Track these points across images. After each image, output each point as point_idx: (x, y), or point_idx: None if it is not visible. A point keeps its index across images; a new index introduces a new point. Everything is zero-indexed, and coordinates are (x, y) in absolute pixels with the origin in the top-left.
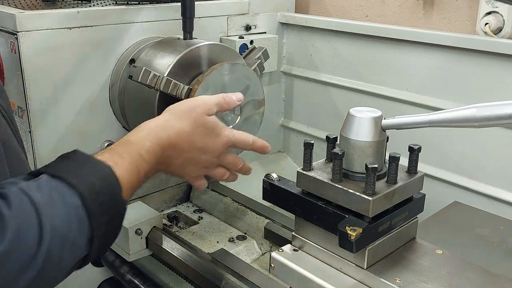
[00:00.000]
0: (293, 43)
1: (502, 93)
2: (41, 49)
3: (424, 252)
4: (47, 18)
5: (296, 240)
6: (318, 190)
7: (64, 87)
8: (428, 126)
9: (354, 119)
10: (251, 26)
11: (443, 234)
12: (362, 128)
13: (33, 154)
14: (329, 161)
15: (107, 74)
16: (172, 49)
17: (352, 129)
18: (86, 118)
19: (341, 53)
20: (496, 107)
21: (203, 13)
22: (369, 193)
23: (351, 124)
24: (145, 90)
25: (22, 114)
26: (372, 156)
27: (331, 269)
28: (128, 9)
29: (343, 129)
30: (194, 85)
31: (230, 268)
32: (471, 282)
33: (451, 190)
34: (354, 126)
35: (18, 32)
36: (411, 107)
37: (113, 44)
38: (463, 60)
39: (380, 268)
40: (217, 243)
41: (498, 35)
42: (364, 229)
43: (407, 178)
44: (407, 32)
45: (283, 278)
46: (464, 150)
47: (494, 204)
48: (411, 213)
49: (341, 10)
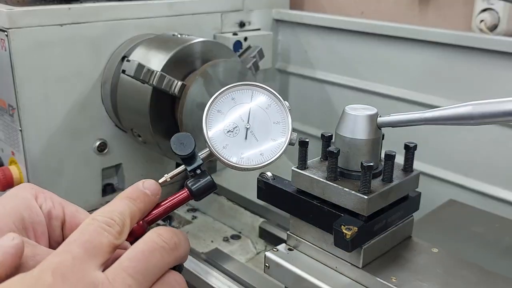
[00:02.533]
0: (288, 40)
1: (498, 90)
2: (32, 47)
3: (420, 250)
4: (38, 15)
5: (291, 239)
6: (313, 188)
7: (56, 84)
8: (424, 124)
9: (349, 117)
10: (245, 23)
11: (438, 233)
12: (357, 126)
13: (24, 153)
14: (324, 159)
15: (99, 71)
16: (166, 45)
17: (348, 127)
18: (78, 116)
19: (337, 50)
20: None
21: (197, 10)
22: (364, 191)
23: (347, 122)
24: (138, 87)
25: (13, 112)
26: (368, 154)
27: (326, 268)
28: (120, 6)
29: (338, 127)
30: (188, 82)
31: (224, 268)
32: (466, 280)
33: (446, 188)
34: (350, 124)
35: (8, 29)
36: (407, 104)
37: (105, 41)
38: (458, 57)
39: (375, 267)
40: (211, 242)
41: (493, 32)
42: (359, 228)
43: (402, 177)
44: (403, 29)
45: (278, 278)
46: (459, 148)
47: (489, 202)
48: (407, 212)
49: (336, 6)
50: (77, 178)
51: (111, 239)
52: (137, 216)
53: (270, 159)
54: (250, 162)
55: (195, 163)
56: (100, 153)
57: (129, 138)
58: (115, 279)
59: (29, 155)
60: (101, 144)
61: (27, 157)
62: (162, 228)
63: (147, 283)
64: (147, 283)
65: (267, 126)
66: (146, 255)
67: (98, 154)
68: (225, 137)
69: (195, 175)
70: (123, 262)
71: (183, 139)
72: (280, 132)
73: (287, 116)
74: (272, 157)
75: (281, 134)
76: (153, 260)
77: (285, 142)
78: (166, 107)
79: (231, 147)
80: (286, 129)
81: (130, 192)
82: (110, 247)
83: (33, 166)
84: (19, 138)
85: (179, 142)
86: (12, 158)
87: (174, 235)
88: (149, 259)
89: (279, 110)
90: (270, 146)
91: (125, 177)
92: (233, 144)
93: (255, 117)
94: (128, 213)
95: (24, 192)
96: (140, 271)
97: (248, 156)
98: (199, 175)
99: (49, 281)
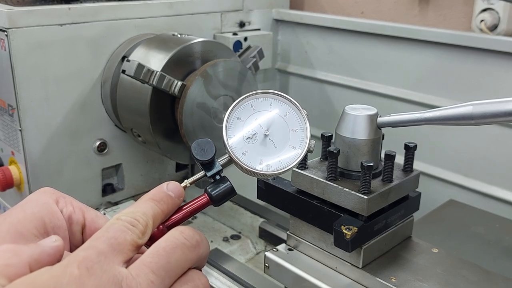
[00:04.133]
0: (288, 40)
1: (498, 90)
2: (31, 46)
3: (419, 250)
4: (38, 15)
5: (291, 240)
6: (313, 188)
7: (55, 84)
8: (424, 124)
9: (349, 117)
10: (245, 23)
11: (438, 233)
12: (357, 126)
13: (24, 153)
14: (324, 159)
15: (99, 71)
16: (166, 45)
17: (348, 127)
18: (78, 116)
19: (337, 50)
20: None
21: (197, 10)
22: (364, 191)
23: (347, 122)
24: (138, 87)
25: (12, 112)
26: (368, 154)
27: (326, 268)
28: (120, 6)
29: (338, 127)
30: (188, 82)
31: (224, 268)
32: (466, 280)
33: (446, 188)
34: (350, 124)
35: (8, 29)
36: (407, 104)
37: (105, 41)
38: (458, 57)
39: (375, 267)
40: (211, 242)
41: (493, 32)
42: (359, 228)
43: (402, 177)
44: (403, 29)
45: (278, 278)
46: (459, 148)
47: (489, 202)
48: (407, 212)
49: (336, 6)
50: (77, 178)
51: (134, 238)
52: (159, 218)
53: (289, 165)
54: (269, 169)
55: (215, 169)
56: (100, 153)
57: (129, 138)
58: (138, 274)
59: (29, 155)
60: (101, 144)
61: (27, 157)
62: (183, 227)
63: (169, 279)
64: (170, 279)
65: (285, 133)
66: (168, 251)
67: (98, 154)
68: (244, 144)
69: (215, 181)
70: (146, 258)
71: (204, 145)
72: (298, 139)
73: (305, 123)
74: (290, 164)
75: (299, 141)
76: (175, 256)
77: (304, 150)
78: (166, 107)
79: (250, 154)
80: (305, 136)
81: (153, 194)
82: (133, 245)
83: (33, 166)
84: (19, 138)
85: (199, 148)
86: (12, 158)
87: (196, 233)
88: (171, 255)
89: (297, 118)
90: (288, 153)
91: (125, 177)
92: (252, 151)
93: (274, 124)
94: (151, 215)
95: (45, 197)
96: (162, 267)
97: (267, 162)
98: (218, 180)
99: (75, 273)
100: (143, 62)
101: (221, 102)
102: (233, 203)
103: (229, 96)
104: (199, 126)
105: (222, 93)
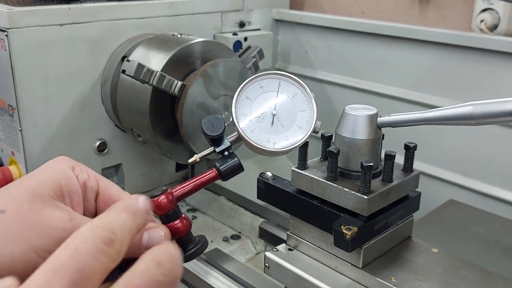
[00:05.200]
0: (288, 40)
1: (498, 90)
2: (31, 47)
3: (419, 250)
4: (38, 15)
5: (291, 239)
6: (313, 188)
7: (55, 84)
8: (424, 124)
9: (349, 117)
10: (245, 23)
11: (438, 233)
12: (357, 126)
13: (24, 153)
14: (324, 159)
15: (99, 71)
16: (166, 45)
17: (348, 127)
18: (78, 116)
19: (337, 50)
20: (492, 105)
21: (197, 10)
22: (364, 191)
23: (347, 122)
24: (138, 87)
25: (13, 112)
26: (368, 154)
27: (326, 268)
28: (120, 6)
29: (338, 127)
30: (188, 82)
31: (224, 268)
32: (466, 280)
33: (446, 188)
34: (350, 124)
35: (8, 29)
36: (407, 104)
37: (105, 41)
38: (458, 57)
39: (375, 267)
40: (211, 242)
41: (493, 32)
42: (359, 228)
43: (402, 177)
44: (403, 29)
45: (278, 278)
46: (459, 148)
47: (489, 202)
48: (407, 212)
49: (336, 6)
50: None
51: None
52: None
53: (295, 144)
54: (276, 146)
55: (223, 145)
56: (100, 153)
57: (129, 138)
58: None
59: (29, 155)
60: (101, 144)
61: (27, 157)
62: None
63: None
64: None
65: (293, 113)
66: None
67: (98, 154)
68: (253, 122)
69: (223, 157)
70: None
71: (213, 121)
72: (305, 119)
73: (312, 105)
74: (296, 143)
75: (306, 121)
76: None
77: (310, 129)
78: (166, 107)
79: (258, 132)
80: (311, 117)
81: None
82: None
83: (33, 166)
84: (19, 138)
85: (210, 124)
86: (12, 158)
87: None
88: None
89: (305, 99)
90: (295, 132)
91: (125, 177)
92: (260, 129)
93: (281, 104)
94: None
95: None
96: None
97: (274, 141)
98: (227, 156)
99: None
100: (143, 62)
101: (221, 102)
102: (233, 203)
103: (229, 96)
104: (199, 126)
105: (222, 93)
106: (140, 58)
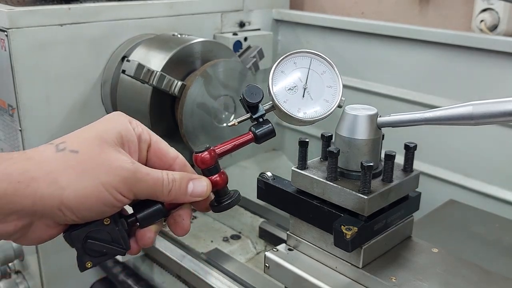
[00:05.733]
0: (288, 40)
1: (498, 90)
2: (32, 47)
3: (419, 250)
4: (38, 15)
5: (291, 239)
6: (313, 188)
7: (55, 84)
8: (424, 124)
9: (349, 117)
10: (245, 23)
11: (438, 233)
12: (357, 126)
13: None
14: (324, 159)
15: (99, 71)
16: (166, 45)
17: (348, 127)
18: (78, 116)
19: (337, 50)
20: (492, 105)
21: (197, 10)
22: (364, 191)
23: (347, 122)
24: (138, 87)
25: (13, 112)
26: (368, 154)
27: (326, 268)
28: (120, 6)
29: (338, 127)
30: (188, 82)
31: (224, 268)
32: (466, 280)
33: (446, 188)
34: (350, 124)
35: (8, 29)
36: (407, 104)
37: (105, 41)
38: (458, 57)
39: (375, 267)
40: (211, 242)
41: (493, 32)
42: (359, 228)
43: (402, 177)
44: (403, 29)
45: (278, 278)
46: (459, 148)
47: (489, 202)
48: (407, 212)
49: (336, 6)
50: None
51: None
52: None
53: (322, 115)
54: (306, 116)
55: (259, 112)
56: None
57: None
58: None
59: None
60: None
61: None
62: None
63: None
64: None
65: (321, 88)
66: None
67: None
68: (286, 94)
69: (258, 122)
70: None
71: (253, 90)
72: (331, 94)
73: (338, 82)
74: (324, 114)
75: (332, 96)
76: None
77: (336, 103)
78: (166, 107)
79: (290, 102)
80: (337, 92)
81: None
82: None
83: None
84: (19, 138)
85: (250, 92)
86: None
87: None
88: None
89: (332, 77)
90: (322, 105)
91: None
92: (292, 100)
93: (312, 80)
94: None
95: (122, 117)
96: None
97: (304, 111)
98: (261, 122)
99: None
100: (143, 62)
101: (221, 102)
102: None
103: (229, 96)
104: (199, 126)
105: (222, 93)
106: (140, 58)
